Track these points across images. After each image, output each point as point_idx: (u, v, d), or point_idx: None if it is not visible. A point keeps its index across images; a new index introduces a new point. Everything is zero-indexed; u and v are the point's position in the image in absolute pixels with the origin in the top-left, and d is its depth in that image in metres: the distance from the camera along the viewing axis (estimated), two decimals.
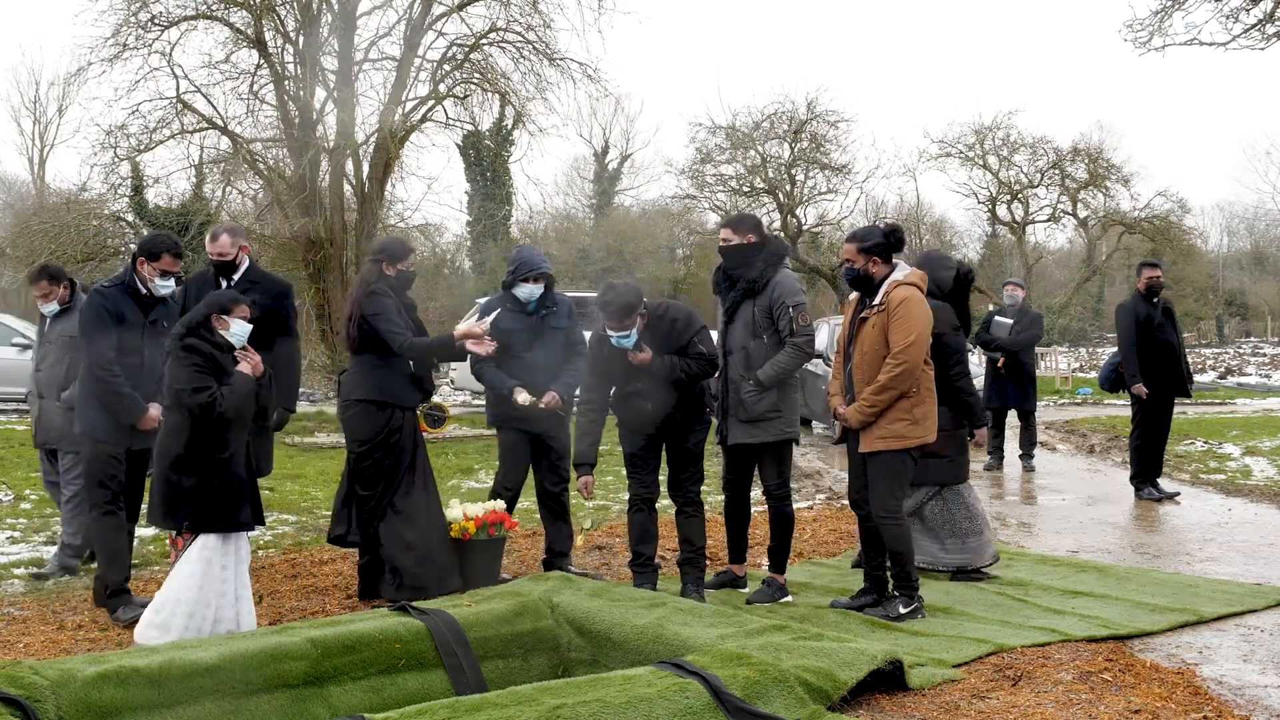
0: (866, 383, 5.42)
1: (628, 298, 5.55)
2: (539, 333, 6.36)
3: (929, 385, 5.47)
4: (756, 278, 5.83)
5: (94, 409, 5.65)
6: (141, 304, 5.70)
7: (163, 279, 5.69)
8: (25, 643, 5.25)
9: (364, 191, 17.62)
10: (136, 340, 5.65)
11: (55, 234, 19.36)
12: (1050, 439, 13.76)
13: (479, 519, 5.96)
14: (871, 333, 5.44)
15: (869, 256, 5.50)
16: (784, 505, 6.00)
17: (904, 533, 5.53)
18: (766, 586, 5.97)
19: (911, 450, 5.46)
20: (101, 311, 5.60)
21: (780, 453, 5.94)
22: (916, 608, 5.50)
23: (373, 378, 5.85)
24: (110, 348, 5.56)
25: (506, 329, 6.22)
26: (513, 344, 6.26)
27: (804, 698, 3.87)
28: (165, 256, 5.67)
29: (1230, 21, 15.71)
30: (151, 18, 16.43)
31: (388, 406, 5.83)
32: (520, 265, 6.39)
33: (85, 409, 5.71)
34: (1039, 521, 8.46)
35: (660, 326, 5.67)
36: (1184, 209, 32.22)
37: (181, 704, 4.01)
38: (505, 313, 6.28)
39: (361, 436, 5.82)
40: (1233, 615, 5.51)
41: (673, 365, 5.63)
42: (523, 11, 17.45)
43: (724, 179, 30.92)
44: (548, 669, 4.76)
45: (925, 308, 5.43)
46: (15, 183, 40.19)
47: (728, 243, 5.94)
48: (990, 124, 32.22)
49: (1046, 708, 4.11)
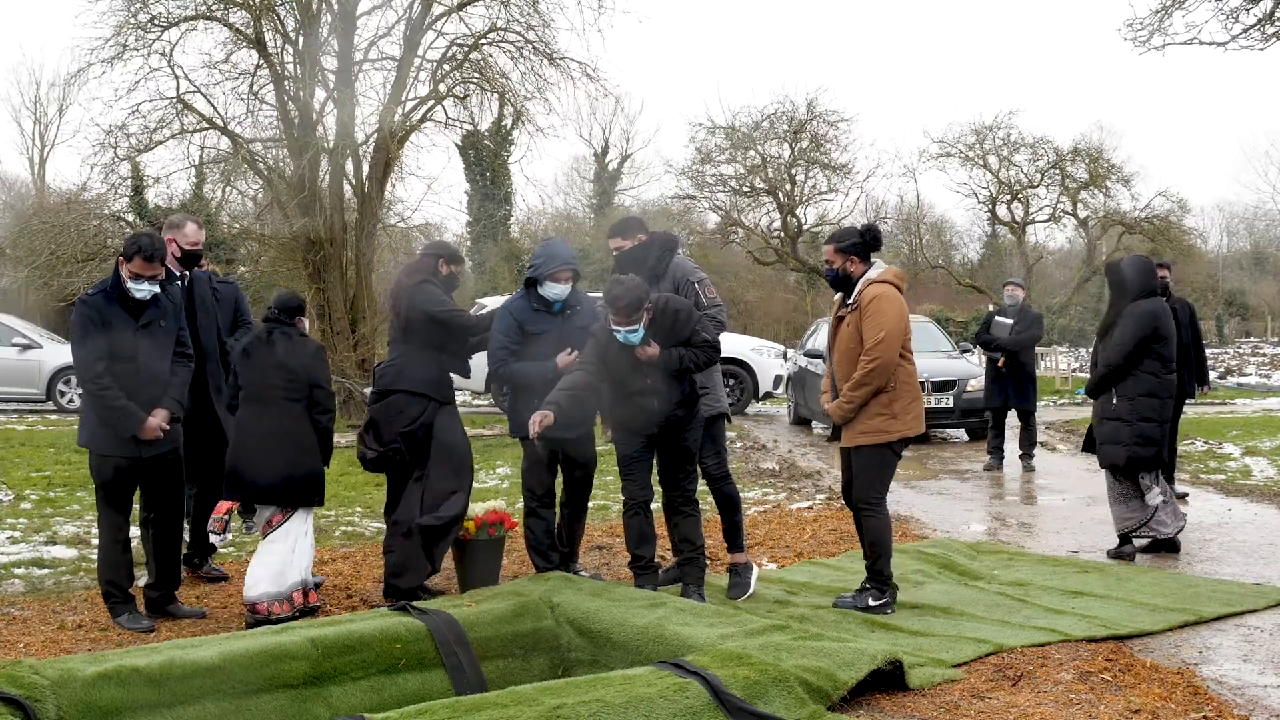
0: (846, 380, 5.54)
1: (637, 293, 5.43)
2: (565, 334, 5.91)
3: (906, 380, 5.53)
4: (654, 264, 5.91)
5: (95, 421, 5.46)
6: (130, 308, 5.45)
7: (135, 282, 5.39)
8: (25, 643, 5.25)
9: (364, 191, 17.61)
10: (129, 347, 5.41)
11: (55, 234, 19.32)
12: (1050, 439, 13.76)
13: (479, 519, 5.95)
14: (847, 331, 5.58)
15: (846, 256, 5.63)
16: (724, 485, 6.05)
17: (882, 524, 5.58)
18: (736, 574, 6.01)
19: (893, 444, 5.54)
20: (87, 321, 5.36)
21: (713, 430, 5.98)
22: (887, 602, 5.55)
23: (417, 369, 5.85)
24: (99, 358, 5.33)
25: (534, 331, 5.87)
26: (540, 346, 5.87)
27: (804, 698, 3.88)
28: (137, 259, 5.36)
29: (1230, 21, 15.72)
30: (151, 18, 16.43)
31: (428, 399, 5.84)
32: (549, 260, 5.89)
33: (86, 421, 5.52)
34: (1039, 521, 8.46)
35: (663, 320, 5.59)
36: (1184, 209, 32.28)
37: (182, 704, 4.02)
38: (529, 313, 5.91)
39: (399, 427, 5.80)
40: (1233, 615, 5.50)
41: (680, 357, 5.55)
42: (522, 11, 17.45)
43: (724, 179, 30.98)
44: (548, 669, 4.76)
45: (898, 304, 5.49)
46: (15, 183, 40.11)
47: (621, 249, 5.98)
48: (990, 124, 32.31)
49: (1046, 708, 4.11)
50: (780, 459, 12.04)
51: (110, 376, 5.33)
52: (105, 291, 5.44)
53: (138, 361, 5.42)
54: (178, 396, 5.60)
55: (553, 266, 5.86)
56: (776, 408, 18.60)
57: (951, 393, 13.57)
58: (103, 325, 5.36)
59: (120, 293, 5.42)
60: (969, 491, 9.95)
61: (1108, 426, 6.84)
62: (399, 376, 5.88)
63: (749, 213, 31.50)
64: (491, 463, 11.50)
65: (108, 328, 5.36)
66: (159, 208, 21.85)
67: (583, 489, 6.24)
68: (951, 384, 13.61)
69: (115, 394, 5.33)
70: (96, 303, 5.40)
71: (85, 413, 5.54)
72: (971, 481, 10.56)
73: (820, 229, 32.05)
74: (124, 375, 5.37)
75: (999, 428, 11.42)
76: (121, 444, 5.42)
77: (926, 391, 13.43)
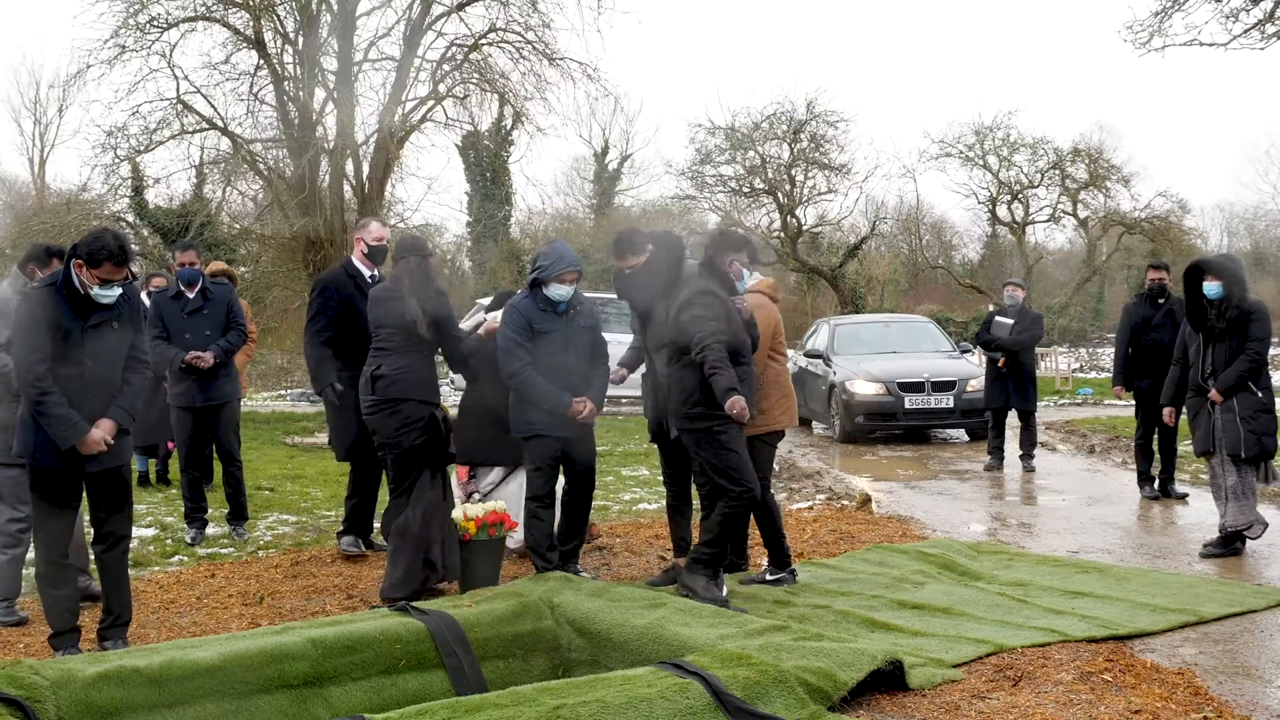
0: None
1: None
2: (569, 334, 6.04)
3: (775, 378, 6.19)
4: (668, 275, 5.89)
5: (32, 428, 4.89)
6: (79, 308, 4.87)
7: (103, 288, 4.84)
8: (25, 643, 5.25)
9: (364, 192, 17.62)
10: (76, 351, 4.86)
11: (55, 234, 19.28)
12: (1050, 439, 13.76)
13: (479, 519, 5.95)
14: None
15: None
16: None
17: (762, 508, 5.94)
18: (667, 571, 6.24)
19: (763, 436, 6.09)
20: (30, 317, 4.82)
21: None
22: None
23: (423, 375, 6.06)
24: (41, 360, 4.78)
25: (542, 331, 5.94)
26: (546, 345, 5.95)
27: (804, 698, 3.88)
28: (106, 265, 4.80)
29: (1230, 22, 15.74)
30: (150, 19, 16.44)
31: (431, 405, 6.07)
32: (557, 261, 5.98)
33: (23, 429, 4.94)
34: (1039, 522, 8.45)
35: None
36: (1184, 209, 32.20)
37: (181, 704, 4.02)
38: (537, 313, 5.96)
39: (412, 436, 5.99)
40: (1233, 615, 5.50)
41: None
42: (522, 11, 17.47)
43: (724, 179, 30.95)
44: (548, 669, 4.76)
45: (766, 310, 6.17)
46: (15, 183, 40.09)
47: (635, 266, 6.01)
48: (990, 124, 32.25)
49: (1046, 708, 4.11)
50: (780, 459, 12.04)
51: (52, 379, 4.80)
52: (54, 285, 4.89)
53: (84, 365, 4.88)
54: (127, 406, 5.03)
55: (560, 269, 5.94)
56: None
57: (951, 393, 13.57)
58: (48, 323, 4.80)
59: (69, 290, 4.86)
60: (969, 491, 9.95)
61: (1262, 420, 6.92)
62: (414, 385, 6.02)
63: (749, 213, 31.49)
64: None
65: (53, 327, 4.80)
66: (159, 208, 21.83)
67: (584, 489, 6.25)
68: (951, 384, 13.61)
69: (57, 399, 4.79)
70: (43, 297, 4.85)
71: (22, 418, 4.94)
72: (971, 481, 10.56)
73: (820, 229, 32.04)
74: (67, 380, 4.83)
75: (999, 428, 11.42)
76: (63, 455, 4.86)
77: (926, 392, 13.46)
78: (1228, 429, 6.95)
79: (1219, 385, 6.98)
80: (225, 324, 7.73)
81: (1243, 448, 6.91)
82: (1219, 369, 7.02)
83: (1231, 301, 6.98)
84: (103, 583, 5.21)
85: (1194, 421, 7.23)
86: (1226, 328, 7.00)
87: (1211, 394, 7.00)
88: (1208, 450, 7.10)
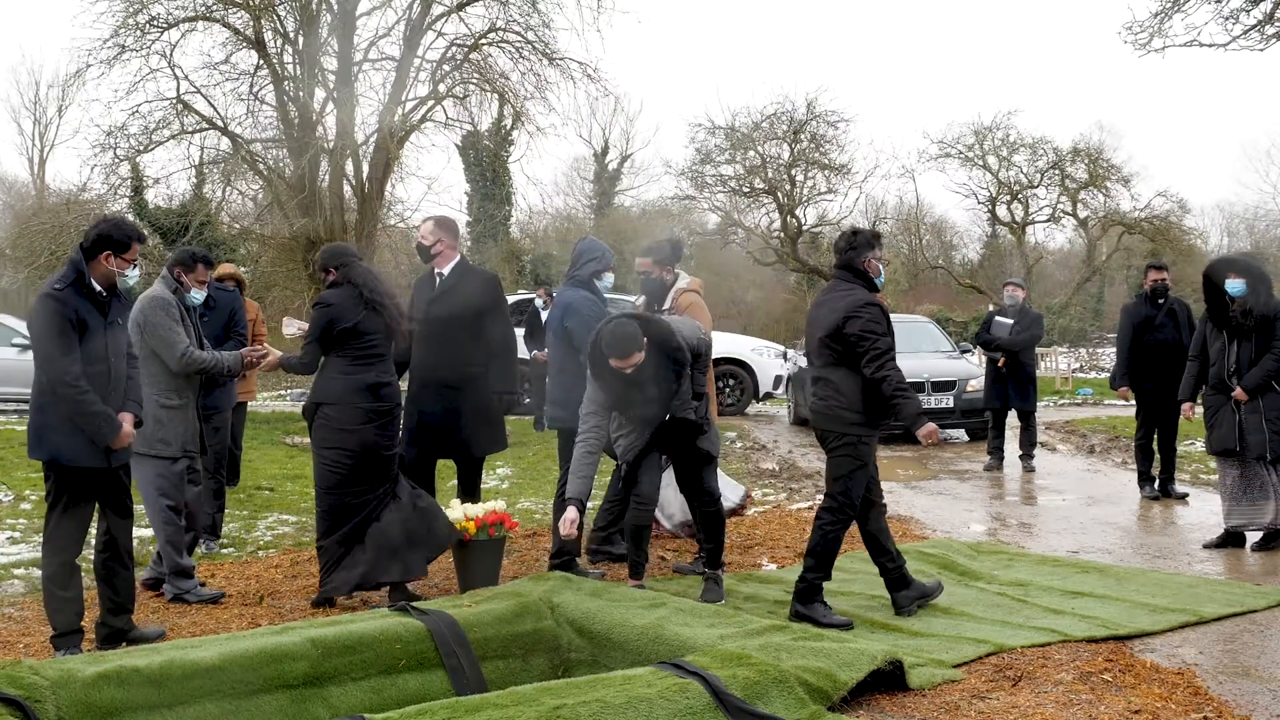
0: None
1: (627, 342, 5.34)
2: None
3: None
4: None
5: (63, 431, 4.92)
6: (99, 305, 4.99)
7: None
8: (25, 643, 5.25)
9: (364, 191, 17.64)
10: (100, 348, 4.95)
11: (55, 234, 19.34)
12: (1050, 439, 13.76)
13: (479, 519, 5.95)
14: None
15: (663, 267, 6.68)
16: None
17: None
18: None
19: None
20: (59, 317, 4.85)
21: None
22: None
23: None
24: (75, 360, 4.85)
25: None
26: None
27: (804, 698, 3.88)
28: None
29: (1230, 23, 15.75)
30: (150, 19, 16.45)
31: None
32: (604, 255, 6.45)
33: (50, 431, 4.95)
34: (1039, 522, 8.45)
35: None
36: (1184, 209, 32.21)
37: (181, 704, 4.01)
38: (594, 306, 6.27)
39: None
40: (1233, 615, 5.50)
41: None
42: (522, 11, 17.49)
43: (724, 179, 30.96)
44: (548, 669, 4.76)
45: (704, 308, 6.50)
46: (15, 183, 40.17)
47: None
48: (990, 124, 32.25)
49: (1046, 708, 4.11)
50: (780, 459, 12.04)
51: (86, 379, 4.88)
52: (73, 285, 4.94)
53: (108, 362, 5.00)
54: (138, 399, 5.23)
55: (609, 260, 6.48)
56: (776, 408, 18.59)
57: (951, 393, 13.56)
58: (77, 323, 4.87)
59: (87, 289, 4.95)
60: (969, 491, 9.95)
61: None
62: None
63: (749, 213, 31.51)
64: (492, 463, 11.49)
65: (82, 326, 4.89)
66: (159, 208, 21.85)
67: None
68: (951, 384, 13.59)
69: (93, 398, 4.88)
70: (68, 297, 4.89)
71: (47, 420, 4.95)
72: (971, 481, 10.56)
73: (820, 229, 32.03)
74: (96, 378, 4.92)
75: (999, 428, 11.41)
76: (95, 454, 4.95)
77: (926, 392, 13.40)
78: (1255, 431, 6.94)
79: (1244, 384, 6.98)
80: (226, 330, 7.71)
81: (1268, 449, 6.93)
82: (1244, 367, 7.01)
83: (1258, 300, 6.98)
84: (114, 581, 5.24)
85: (1213, 419, 7.21)
86: (1255, 326, 6.99)
87: (1236, 393, 7.00)
88: (1227, 449, 7.08)
